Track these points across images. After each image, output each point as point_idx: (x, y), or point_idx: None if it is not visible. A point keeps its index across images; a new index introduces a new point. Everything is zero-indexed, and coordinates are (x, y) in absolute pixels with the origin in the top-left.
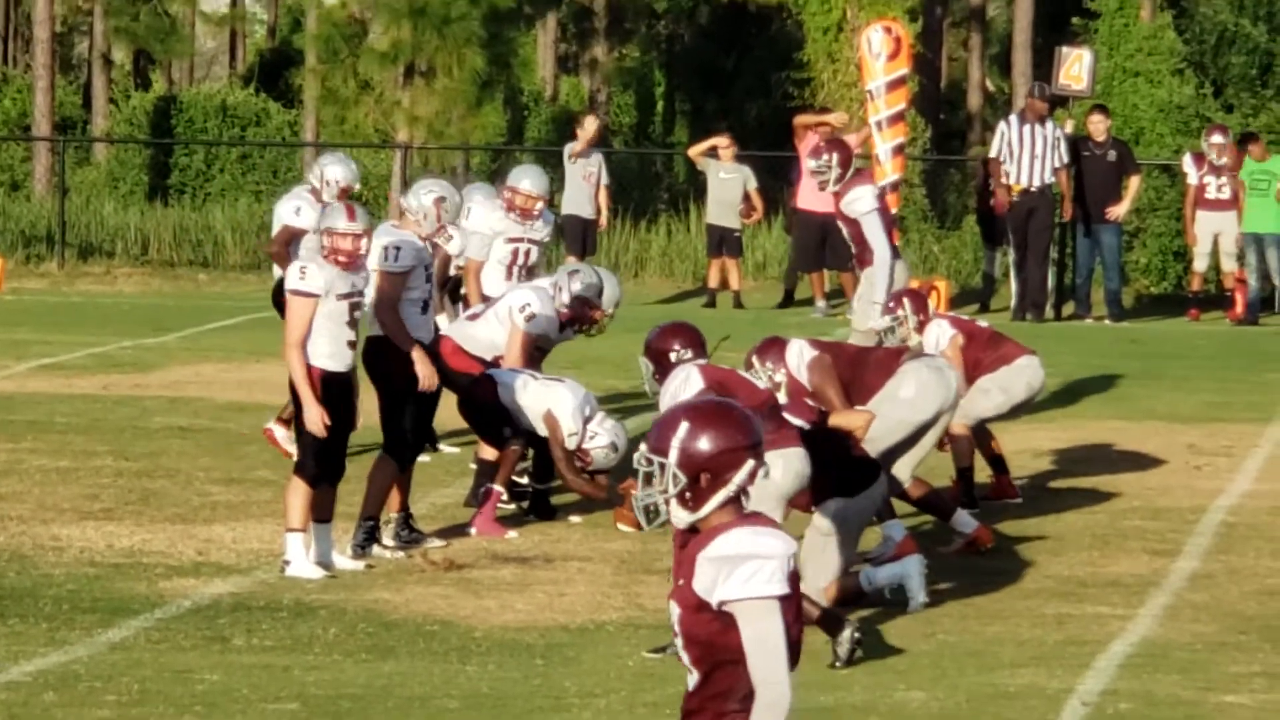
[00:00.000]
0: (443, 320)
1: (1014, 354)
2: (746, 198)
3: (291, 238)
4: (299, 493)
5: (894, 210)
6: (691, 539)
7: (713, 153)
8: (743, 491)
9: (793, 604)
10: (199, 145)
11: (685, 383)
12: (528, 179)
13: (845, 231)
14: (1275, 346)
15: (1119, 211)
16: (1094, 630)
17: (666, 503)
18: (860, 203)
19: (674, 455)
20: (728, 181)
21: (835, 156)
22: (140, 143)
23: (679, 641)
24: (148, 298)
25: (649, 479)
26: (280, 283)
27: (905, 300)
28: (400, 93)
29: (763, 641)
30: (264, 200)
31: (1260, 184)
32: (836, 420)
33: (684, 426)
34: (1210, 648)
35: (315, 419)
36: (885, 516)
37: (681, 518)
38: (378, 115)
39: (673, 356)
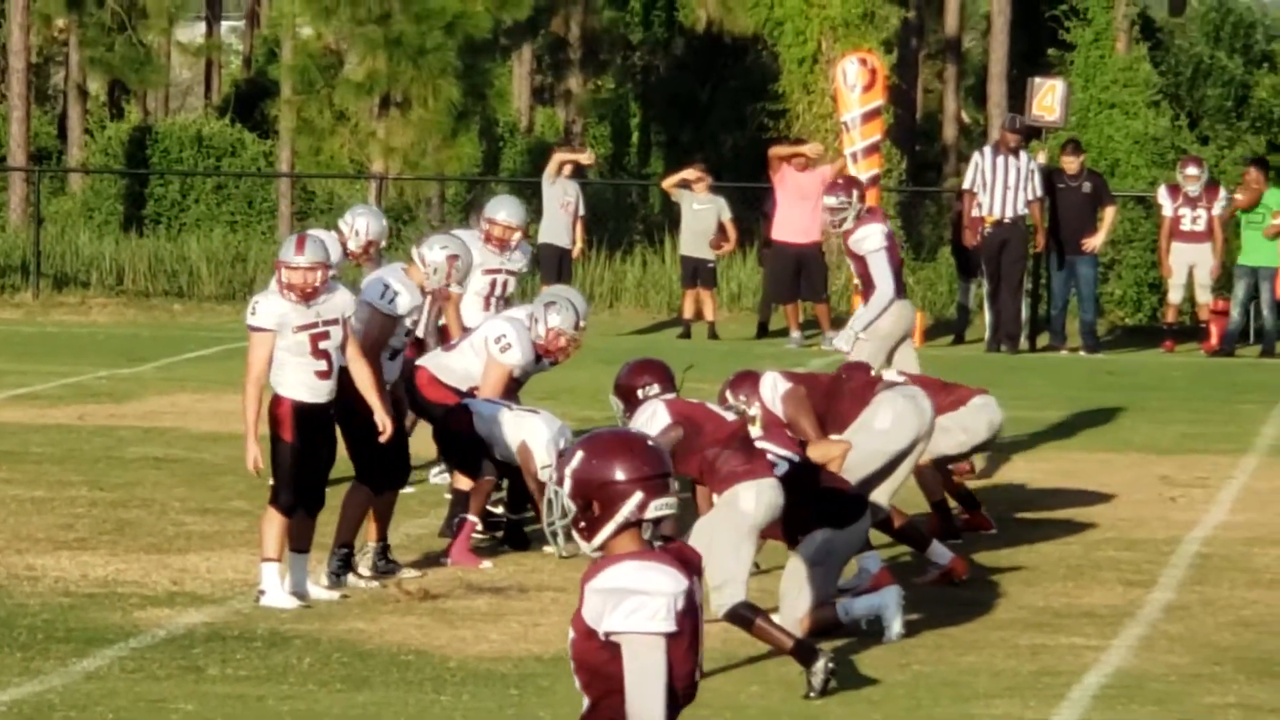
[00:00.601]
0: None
1: (968, 395)
2: (720, 229)
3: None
4: (274, 523)
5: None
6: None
7: (686, 184)
8: (645, 524)
9: (682, 642)
10: (174, 175)
11: (652, 418)
12: (504, 210)
13: (853, 268)
14: (1250, 378)
15: (1094, 243)
16: (1068, 661)
17: (566, 530)
18: (869, 241)
19: (566, 484)
20: (701, 212)
21: (855, 194)
22: (115, 173)
23: (572, 665)
24: (122, 328)
25: (550, 506)
26: None
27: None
28: (375, 123)
29: (640, 677)
30: (239, 231)
31: (1255, 217)
32: (814, 452)
33: (578, 456)
34: (1185, 679)
35: (251, 459)
36: (862, 549)
37: (583, 546)
38: (353, 146)
39: (640, 393)
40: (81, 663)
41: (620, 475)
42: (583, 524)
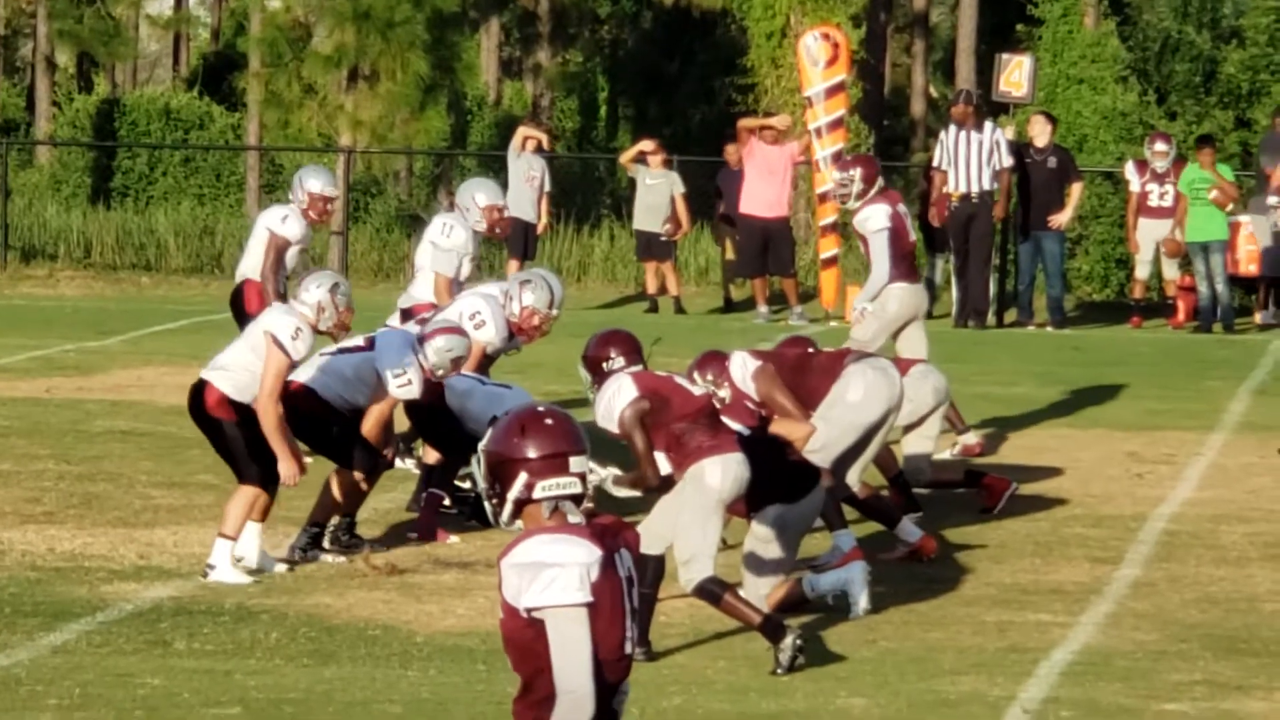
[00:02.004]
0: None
1: (908, 365)
2: (673, 210)
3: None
4: (242, 502)
5: (834, 217)
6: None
7: (642, 158)
8: (548, 501)
9: (602, 613)
10: (142, 148)
11: (618, 392)
12: (495, 191)
13: (861, 248)
14: (1217, 354)
15: (1061, 219)
16: (1036, 638)
17: (489, 501)
18: (871, 221)
19: (481, 459)
20: (654, 187)
21: (860, 171)
22: (83, 145)
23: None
24: (90, 301)
25: (475, 480)
26: (239, 290)
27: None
28: (344, 97)
29: (563, 649)
30: (206, 204)
31: (1201, 192)
32: (778, 429)
33: (489, 433)
34: (1152, 656)
35: (291, 472)
36: (836, 525)
37: (499, 519)
38: (321, 119)
39: (606, 365)
40: (48, 637)
41: (511, 454)
42: (493, 499)
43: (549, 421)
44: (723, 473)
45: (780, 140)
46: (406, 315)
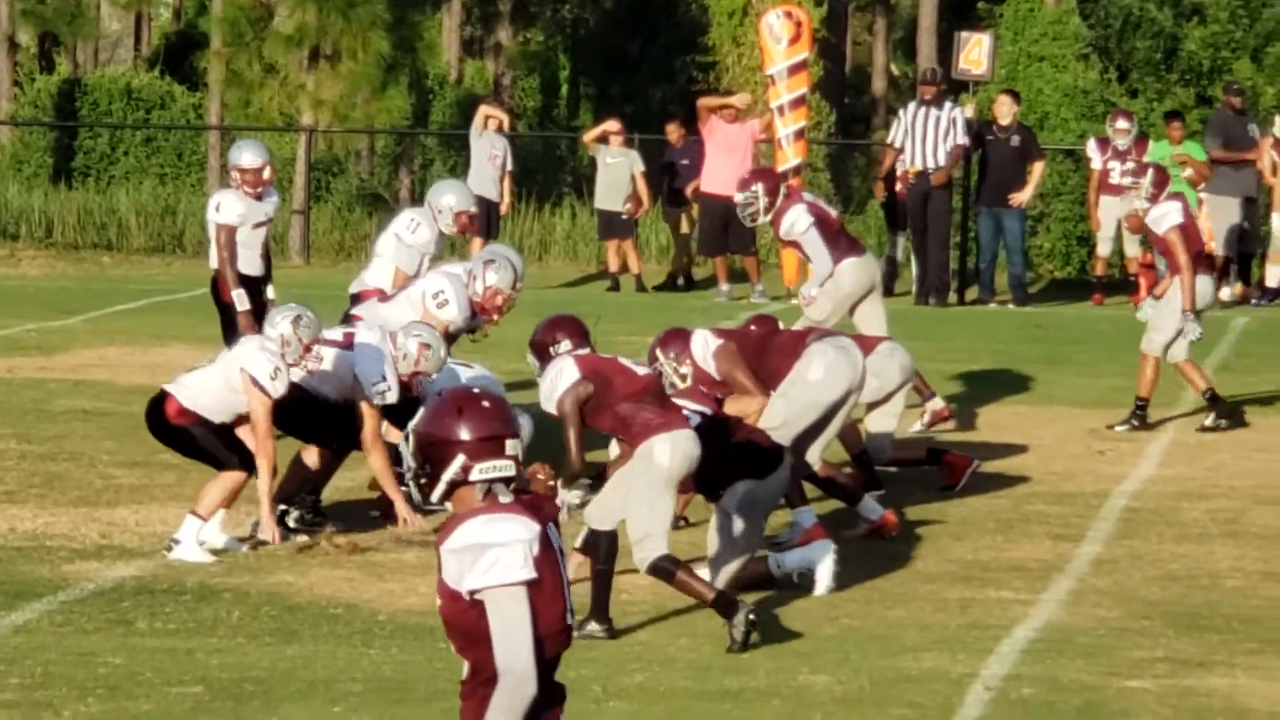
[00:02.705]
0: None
1: (874, 343)
2: (634, 188)
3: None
4: (225, 487)
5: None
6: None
7: (605, 138)
8: (480, 484)
9: (544, 587)
10: (104, 128)
11: (560, 374)
12: (467, 195)
13: (797, 252)
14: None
15: (1022, 197)
16: (997, 615)
17: (416, 482)
18: (796, 225)
19: (411, 440)
20: (615, 165)
21: (761, 186)
22: (45, 125)
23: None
24: (52, 280)
25: (403, 459)
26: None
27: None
28: (305, 76)
29: (504, 628)
30: (168, 183)
31: (1173, 169)
32: (731, 406)
33: (420, 414)
34: (1113, 633)
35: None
36: (796, 503)
37: (426, 500)
38: (283, 98)
39: (552, 350)
40: (10, 616)
41: (447, 436)
42: (423, 480)
43: (485, 404)
44: (671, 450)
45: (741, 118)
46: (355, 300)
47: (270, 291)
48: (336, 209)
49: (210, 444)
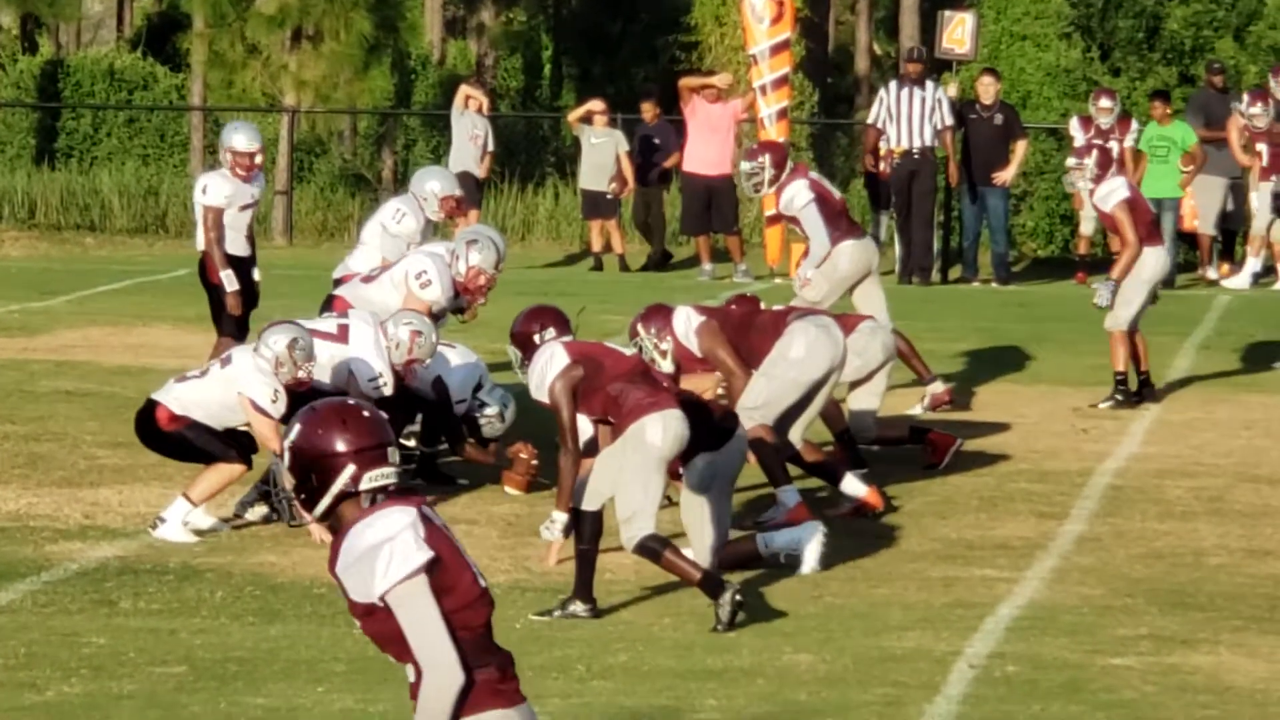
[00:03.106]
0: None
1: (856, 322)
2: (618, 168)
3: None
4: (222, 477)
5: None
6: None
7: (589, 117)
8: (364, 494)
9: (447, 563)
10: (86, 109)
11: (550, 361)
12: (450, 180)
13: (795, 229)
14: (1162, 309)
15: (1006, 176)
16: (981, 593)
17: (289, 502)
18: (797, 199)
19: (285, 457)
20: (599, 146)
21: (768, 158)
22: (27, 106)
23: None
24: (35, 261)
25: (273, 478)
26: (205, 258)
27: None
28: (287, 56)
29: (416, 624)
30: (151, 164)
31: (1159, 150)
32: (687, 383)
33: (296, 429)
34: (1097, 611)
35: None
36: (781, 481)
37: (304, 517)
38: (265, 79)
39: (536, 338)
40: None
41: (336, 447)
42: (303, 495)
43: (366, 414)
44: (663, 429)
45: (723, 98)
46: (338, 284)
47: (256, 274)
48: (319, 189)
49: (205, 442)
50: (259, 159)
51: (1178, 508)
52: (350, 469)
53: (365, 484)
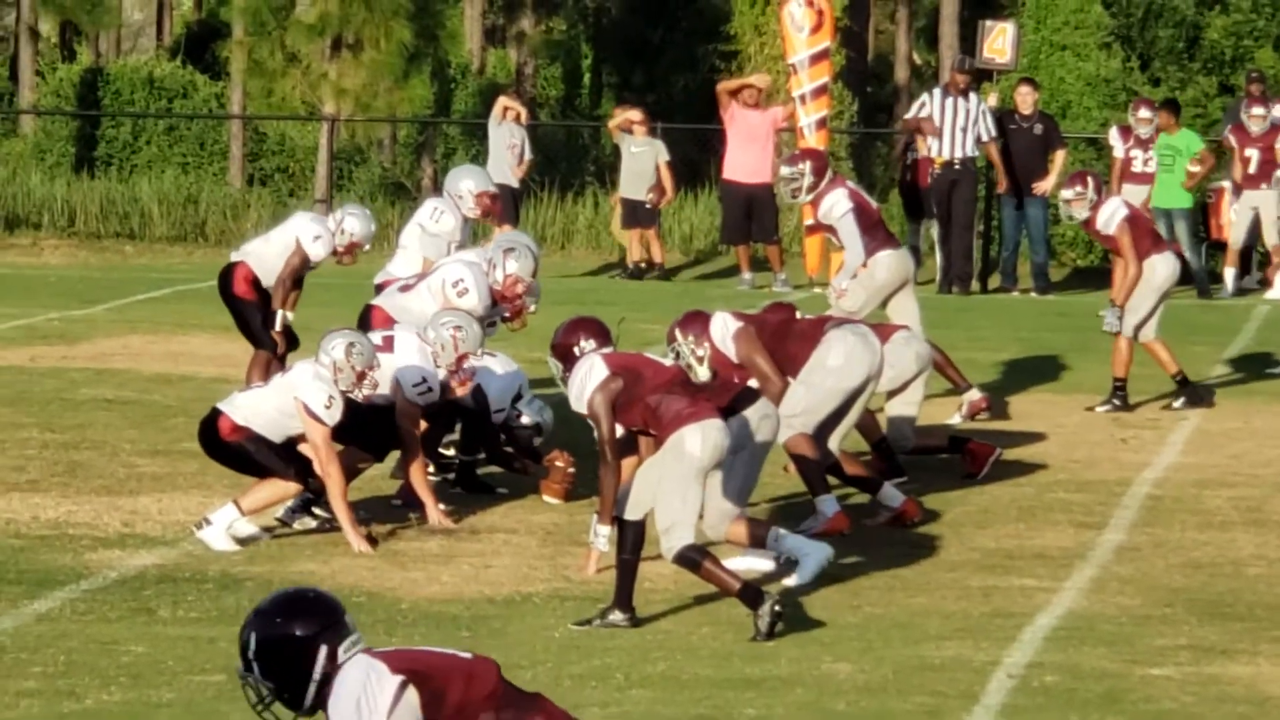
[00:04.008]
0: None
1: (890, 332)
2: (658, 178)
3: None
4: (276, 491)
5: None
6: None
7: (629, 126)
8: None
9: (427, 674)
10: (126, 117)
11: (590, 372)
12: (484, 177)
13: (832, 239)
14: (1200, 319)
15: (1045, 186)
16: (1020, 603)
17: (269, 706)
18: (836, 208)
19: (254, 668)
20: (640, 154)
21: (808, 165)
22: (67, 114)
23: None
24: (74, 269)
25: (247, 693)
26: (229, 271)
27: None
28: (327, 65)
29: None
30: (190, 172)
31: (1165, 159)
32: None
33: (252, 638)
34: (1136, 621)
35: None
36: (819, 490)
37: (301, 709)
38: (305, 88)
39: (576, 350)
40: (32, 604)
41: (304, 633)
42: (285, 695)
43: (311, 594)
44: (702, 440)
45: (762, 105)
46: (379, 290)
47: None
48: (359, 198)
49: (265, 457)
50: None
51: (1217, 517)
52: (324, 650)
53: (343, 656)
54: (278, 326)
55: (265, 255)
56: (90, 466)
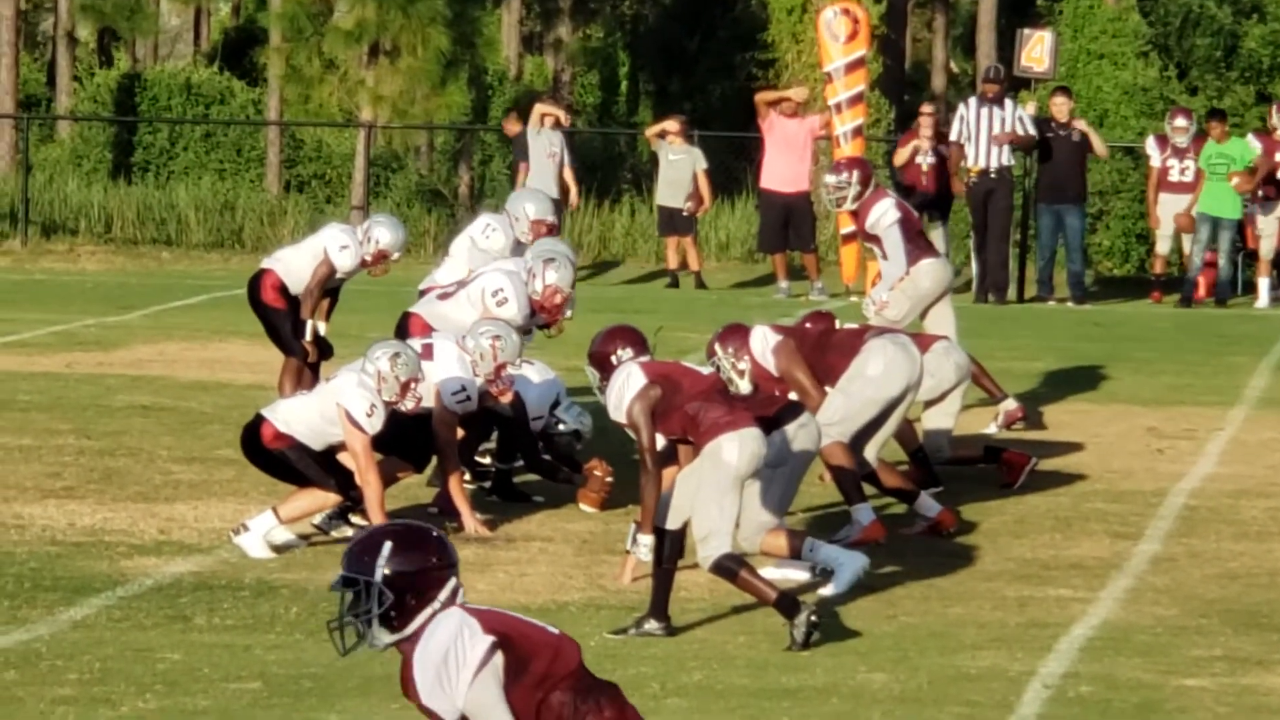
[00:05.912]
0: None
1: (930, 341)
2: (695, 186)
3: (331, 273)
4: (316, 500)
5: None
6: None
7: (665, 134)
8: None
9: (511, 636)
10: (163, 123)
11: (627, 381)
12: (547, 206)
13: (871, 248)
14: (1237, 329)
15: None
16: (1055, 613)
17: (369, 623)
18: (884, 218)
19: (379, 575)
20: (677, 163)
21: (855, 174)
22: (104, 120)
23: None
24: (111, 275)
25: (355, 600)
26: (258, 278)
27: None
28: (365, 72)
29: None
30: (227, 178)
31: (1218, 168)
32: None
33: (387, 547)
34: (1171, 631)
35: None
36: (855, 499)
37: (383, 639)
38: (342, 94)
39: (614, 359)
40: (69, 611)
41: (438, 561)
42: (393, 614)
43: (434, 531)
44: (739, 448)
45: (800, 114)
46: (423, 294)
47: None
48: (395, 205)
49: (306, 466)
50: (396, 256)
51: (1253, 528)
52: (452, 581)
53: (461, 597)
54: (308, 336)
55: (295, 263)
56: (126, 473)
